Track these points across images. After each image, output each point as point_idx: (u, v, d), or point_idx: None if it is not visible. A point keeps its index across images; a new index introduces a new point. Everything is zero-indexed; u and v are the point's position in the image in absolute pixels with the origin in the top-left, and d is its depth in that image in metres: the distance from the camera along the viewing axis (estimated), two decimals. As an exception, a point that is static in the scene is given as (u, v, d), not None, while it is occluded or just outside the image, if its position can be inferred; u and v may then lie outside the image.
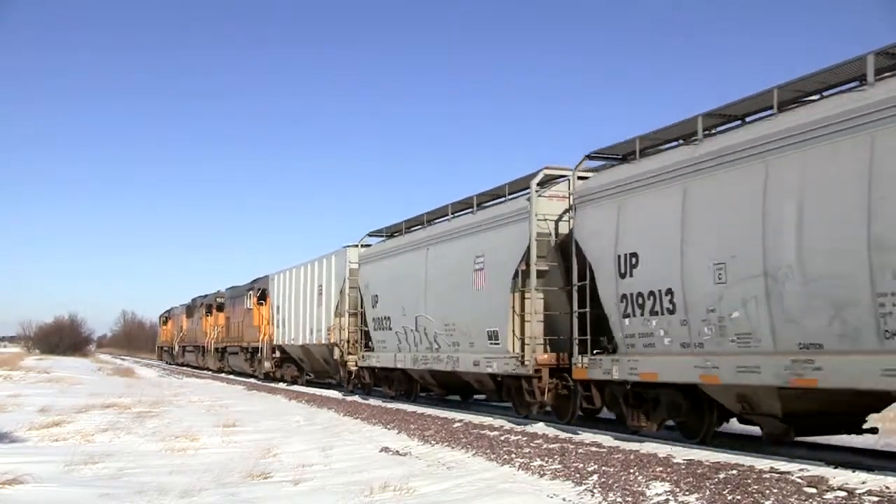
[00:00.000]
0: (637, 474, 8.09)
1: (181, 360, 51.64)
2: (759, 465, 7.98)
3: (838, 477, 7.27)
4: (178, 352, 52.90)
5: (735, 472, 7.72)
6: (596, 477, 8.20)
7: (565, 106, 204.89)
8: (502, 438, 11.19)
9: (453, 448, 10.95)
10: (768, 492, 6.88)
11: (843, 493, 6.66)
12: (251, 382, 29.97)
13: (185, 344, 50.29)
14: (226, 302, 39.00)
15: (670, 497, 7.17)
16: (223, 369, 39.10)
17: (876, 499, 6.43)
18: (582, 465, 8.85)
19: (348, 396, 21.46)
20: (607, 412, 12.47)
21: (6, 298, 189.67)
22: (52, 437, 12.17)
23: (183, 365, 50.73)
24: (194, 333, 46.87)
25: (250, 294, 33.13)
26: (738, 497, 6.88)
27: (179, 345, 52.25)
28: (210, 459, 10.19)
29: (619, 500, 7.30)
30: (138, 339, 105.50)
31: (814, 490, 6.83)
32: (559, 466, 8.93)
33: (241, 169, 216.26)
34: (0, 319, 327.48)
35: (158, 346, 64.66)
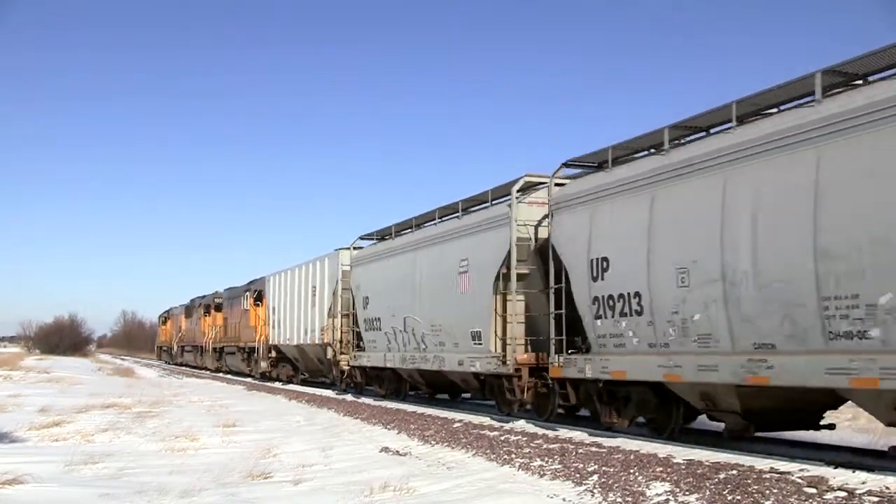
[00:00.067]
0: (637, 474, 8.12)
1: (180, 360, 52.10)
2: (759, 466, 8.01)
3: (838, 477, 7.29)
4: (176, 352, 53.39)
5: (735, 472, 7.74)
6: (596, 477, 8.23)
7: (565, 106, 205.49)
8: (502, 438, 11.23)
9: (453, 448, 10.98)
10: (768, 492, 6.90)
11: (843, 494, 6.67)
12: (251, 382, 30.04)
13: (184, 344, 50.76)
14: (224, 302, 39.44)
15: (670, 497, 7.18)
16: (221, 369, 39.56)
17: (876, 499, 6.45)
18: (582, 465, 8.88)
19: (341, 395, 21.95)
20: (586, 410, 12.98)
21: (6, 298, 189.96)
22: (52, 437, 12.16)
23: (182, 365, 51.18)
24: (193, 333, 47.33)
25: (247, 295, 33.65)
26: (739, 497, 6.90)
27: (178, 345, 52.73)
28: (210, 459, 10.20)
29: (619, 500, 7.32)
30: (138, 339, 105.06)
31: (814, 490, 6.85)
32: (559, 466, 8.95)
33: (241, 169, 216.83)
34: (0, 319, 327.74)
35: (157, 346, 65.20)
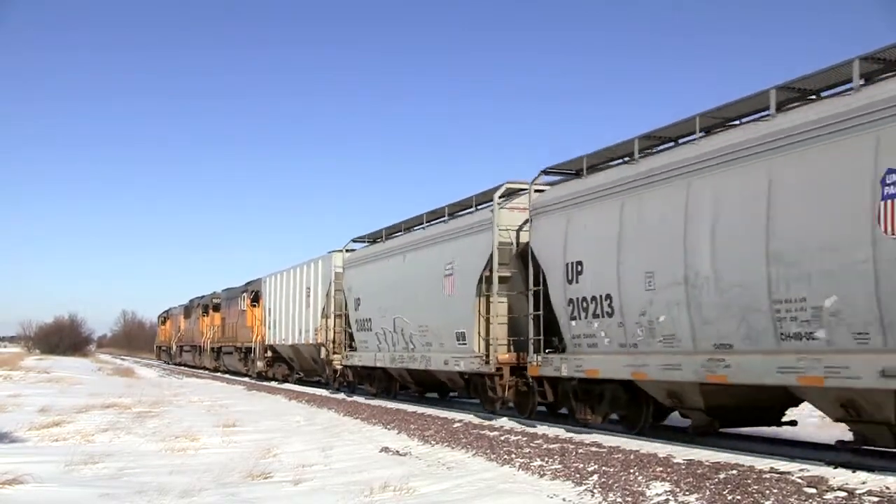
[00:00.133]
0: (637, 474, 8.14)
1: (179, 360, 52.66)
2: (759, 466, 8.03)
3: (838, 477, 7.30)
4: (175, 351, 53.96)
5: (735, 472, 7.77)
6: (596, 477, 8.25)
7: (565, 106, 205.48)
8: (502, 439, 11.28)
9: (453, 448, 11.01)
10: (768, 492, 6.90)
11: (844, 494, 6.67)
12: (251, 382, 30.24)
13: (183, 344, 51.33)
14: (222, 303, 39.98)
15: (670, 497, 7.19)
16: (219, 368, 40.11)
17: (876, 499, 6.46)
18: (582, 465, 8.91)
19: (334, 394, 22.50)
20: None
21: (6, 298, 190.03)
22: (52, 437, 12.19)
23: (180, 364, 51.73)
24: (191, 333, 47.88)
25: (244, 296, 34.20)
26: (738, 497, 6.90)
27: (177, 345, 53.30)
28: (210, 459, 10.22)
29: (619, 500, 7.33)
30: (138, 339, 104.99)
31: (814, 490, 6.85)
32: (559, 466, 8.98)
33: (241, 169, 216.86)
34: (0, 319, 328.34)
35: (157, 346, 65.77)
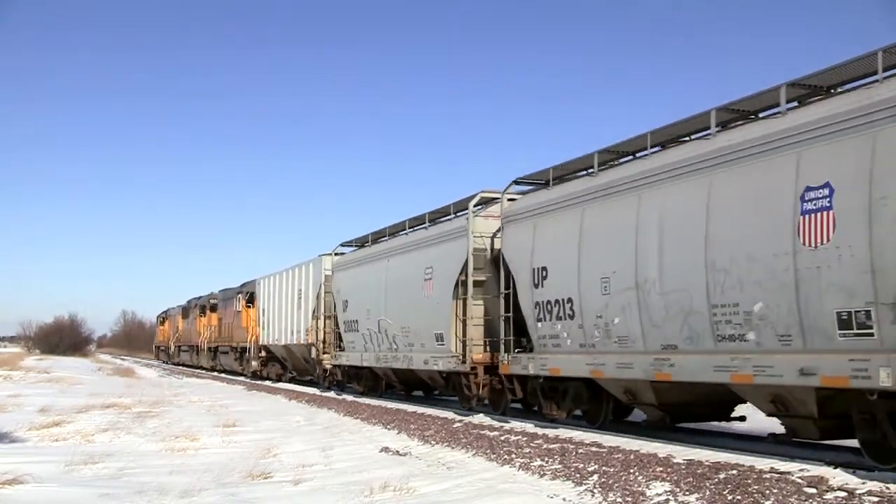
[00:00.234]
0: (637, 474, 8.16)
1: (177, 360, 53.51)
2: (760, 465, 8.06)
3: (838, 477, 7.34)
4: (173, 351, 54.81)
5: (735, 472, 7.80)
6: (596, 477, 8.27)
7: (565, 106, 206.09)
8: (502, 439, 11.36)
9: (453, 448, 11.07)
10: (768, 492, 6.92)
11: (843, 494, 6.69)
12: (251, 382, 30.51)
13: (181, 344, 52.17)
14: (218, 303, 40.81)
15: (670, 497, 7.20)
16: (215, 368, 40.94)
17: (876, 499, 6.48)
18: (582, 465, 8.94)
19: (324, 392, 23.30)
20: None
21: (6, 298, 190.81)
22: (52, 437, 12.24)
23: (179, 364, 52.56)
24: (189, 334, 48.71)
25: (239, 297, 35.03)
26: (739, 497, 6.92)
27: (175, 344, 54.14)
28: (210, 459, 10.26)
29: (619, 500, 7.35)
30: (138, 339, 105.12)
31: (814, 490, 6.87)
32: (559, 466, 9.00)
33: (241, 169, 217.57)
34: (0, 319, 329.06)
35: (155, 346, 66.67)
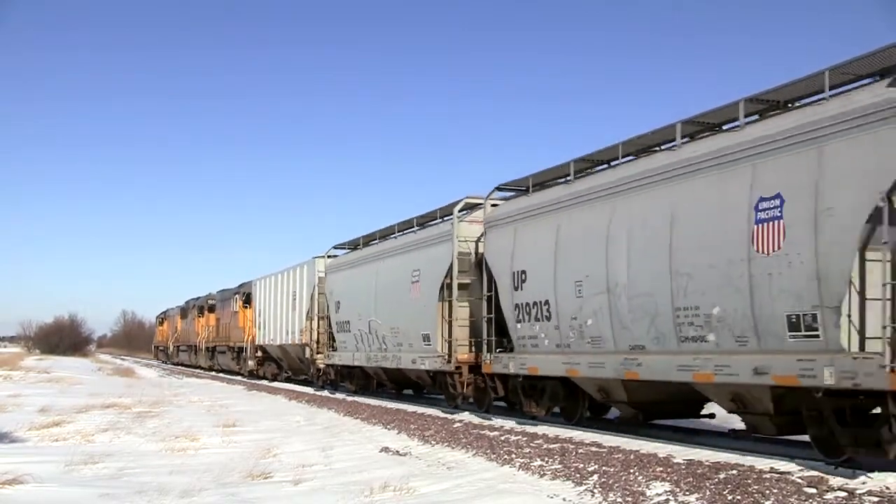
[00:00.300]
0: (637, 474, 8.17)
1: (176, 360, 54.11)
2: (760, 466, 8.08)
3: (838, 477, 7.36)
4: (172, 351, 55.42)
5: (735, 472, 7.81)
6: (596, 477, 8.28)
7: (565, 106, 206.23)
8: (502, 438, 11.40)
9: (453, 448, 11.10)
10: (768, 492, 6.93)
11: (844, 494, 6.69)
12: (251, 382, 30.64)
13: (179, 344, 52.76)
14: (216, 304, 41.40)
15: (670, 497, 7.21)
16: (213, 367, 41.51)
17: (876, 499, 6.49)
18: (582, 465, 8.96)
19: (319, 391, 23.87)
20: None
21: (6, 298, 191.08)
22: (52, 437, 12.26)
23: (177, 364, 53.15)
24: (187, 334, 49.30)
25: (236, 297, 35.60)
26: (739, 497, 6.93)
27: (174, 344, 54.75)
28: (210, 459, 10.28)
29: (619, 500, 7.36)
30: (138, 339, 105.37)
31: (814, 490, 6.88)
32: (559, 466, 9.02)
33: (241, 169, 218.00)
34: (0, 319, 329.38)
35: (154, 346, 67.33)
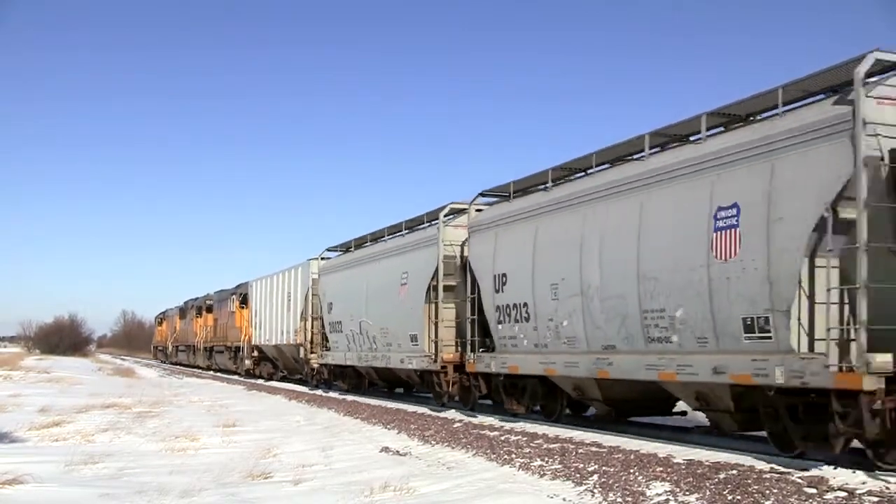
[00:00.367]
0: (637, 474, 8.17)
1: (175, 360, 54.67)
2: (759, 466, 8.10)
3: (838, 477, 7.35)
4: (171, 351, 56.00)
5: (735, 472, 7.82)
6: (596, 477, 8.28)
7: (565, 106, 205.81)
8: (502, 439, 11.43)
9: (453, 448, 11.11)
10: (768, 492, 6.93)
11: (844, 494, 6.69)
12: (251, 382, 30.63)
13: (178, 344, 53.31)
14: (214, 304, 41.93)
15: (670, 497, 7.21)
16: (211, 367, 42.06)
17: (876, 499, 6.50)
18: (582, 465, 8.97)
19: (313, 390, 24.42)
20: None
21: (6, 298, 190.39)
22: (52, 437, 12.25)
23: (176, 364, 53.69)
24: (186, 334, 49.85)
25: (233, 298, 36.15)
26: (739, 497, 6.93)
27: (173, 345, 55.32)
28: (210, 459, 10.28)
29: (619, 500, 7.35)
30: (138, 339, 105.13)
31: (814, 490, 6.88)
32: (559, 466, 9.03)
33: (241, 169, 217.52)
34: (0, 319, 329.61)
35: (154, 346, 67.89)
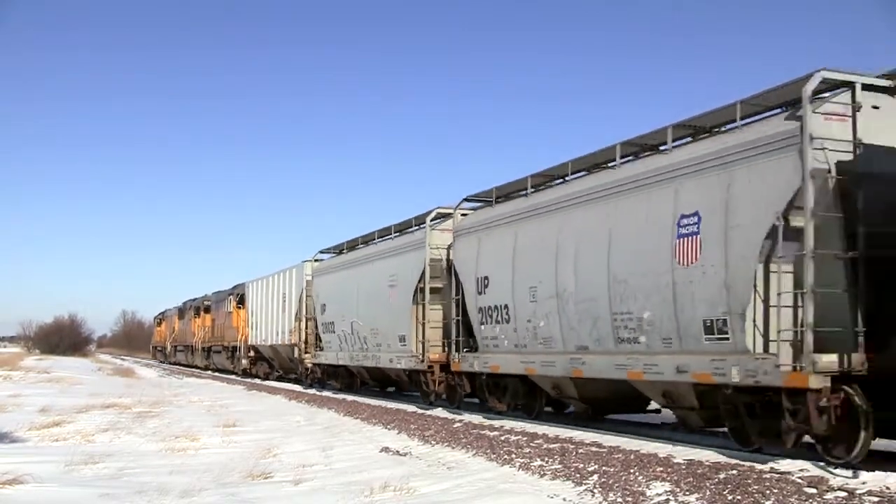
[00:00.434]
0: (637, 474, 8.17)
1: (173, 360, 55.23)
2: (759, 466, 8.10)
3: (838, 477, 7.37)
4: (170, 351, 56.57)
5: (735, 472, 7.82)
6: (596, 477, 8.28)
7: (565, 106, 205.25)
8: (502, 438, 11.45)
9: (454, 448, 11.13)
10: (768, 492, 6.93)
11: (844, 494, 6.69)
12: (251, 382, 30.68)
13: (177, 344, 53.88)
14: (212, 305, 42.47)
15: (670, 497, 7.20)
16: (209, 367, 42.62)
17: (876, 499, 6.49)
18: (582, 465, 8.97)
19: (307, 389, 24.96)
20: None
21: (6, 298, 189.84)
22: (52, 437, 12.24)
23: (175, 363, 54.24)
24: (184, 334, 50.41)
25: (230, 299, 36.71)
26: (739, 497, 6.92)
27: (172, 345, 55.90)
28: (210, 459, 10.28)
29: (619, 500, 7.35)
30: (138, 339, 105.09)
31: (814, 490, 6.87)
32: (559, 466, 9.04)
33: (241, 169, 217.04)
34: (0, 319, 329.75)
35: (153, 346, 68.47)
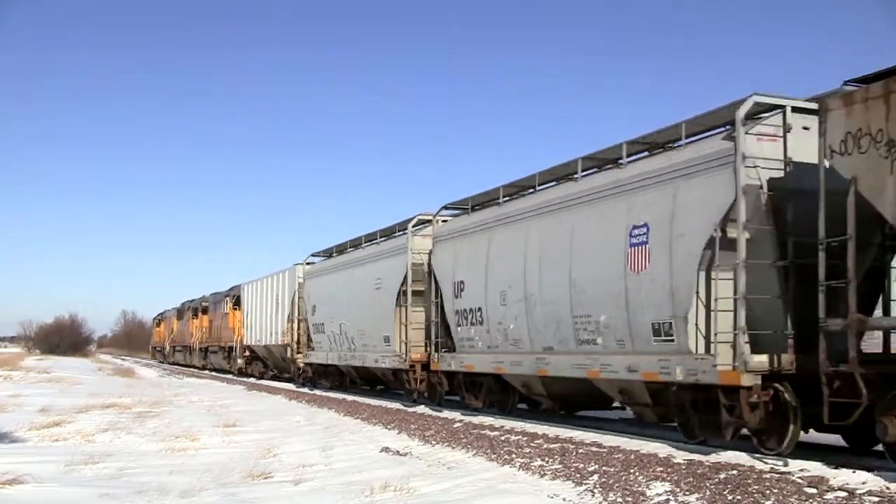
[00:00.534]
0: (637, 474, 8.18)
1: (172, 360, 56.07)
2: (760, 466, 8.11)
3: (838, 477, 7.34)
4: (169, 351, 57.42)
5: (735, 472, 7.82)
6: (596, 477, 8.29)
7: (565, 106, 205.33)
8: (503, 438, 11.50)
9: (454, 448, 11.18)
10: (768, 492, 6.93)
11: (844, 494, 6.70)
12: (251, 382, 30.92)
13: (175, 344, 54.73)
14: (209, 306, 43.29)
15: (670, 497, 7.21)
16: (206, 367, 43.45)
17: (876, 499, 6.50)
18: (582, 465, 8.98)
19: (300, 388, 25.77)
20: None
21: (6, 298, 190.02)
22: (52, 437, 12.28)
23: (174, 363, 55.08)
24: (183, 335, 51.22)
25: (227, 300, 37.54)
26: (739, 497, 6.93)
27: (170, 345, 56.75)
28: (210, 459, 10.31)
29: (619, 500, 7.36)
30: (138, 339, 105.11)
31: (814, 490, 6.88)
32: (559, 466, 9.05)
33: (241, 169, 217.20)
34: (0, 319, 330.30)
35: (152, 347, 69.37)
